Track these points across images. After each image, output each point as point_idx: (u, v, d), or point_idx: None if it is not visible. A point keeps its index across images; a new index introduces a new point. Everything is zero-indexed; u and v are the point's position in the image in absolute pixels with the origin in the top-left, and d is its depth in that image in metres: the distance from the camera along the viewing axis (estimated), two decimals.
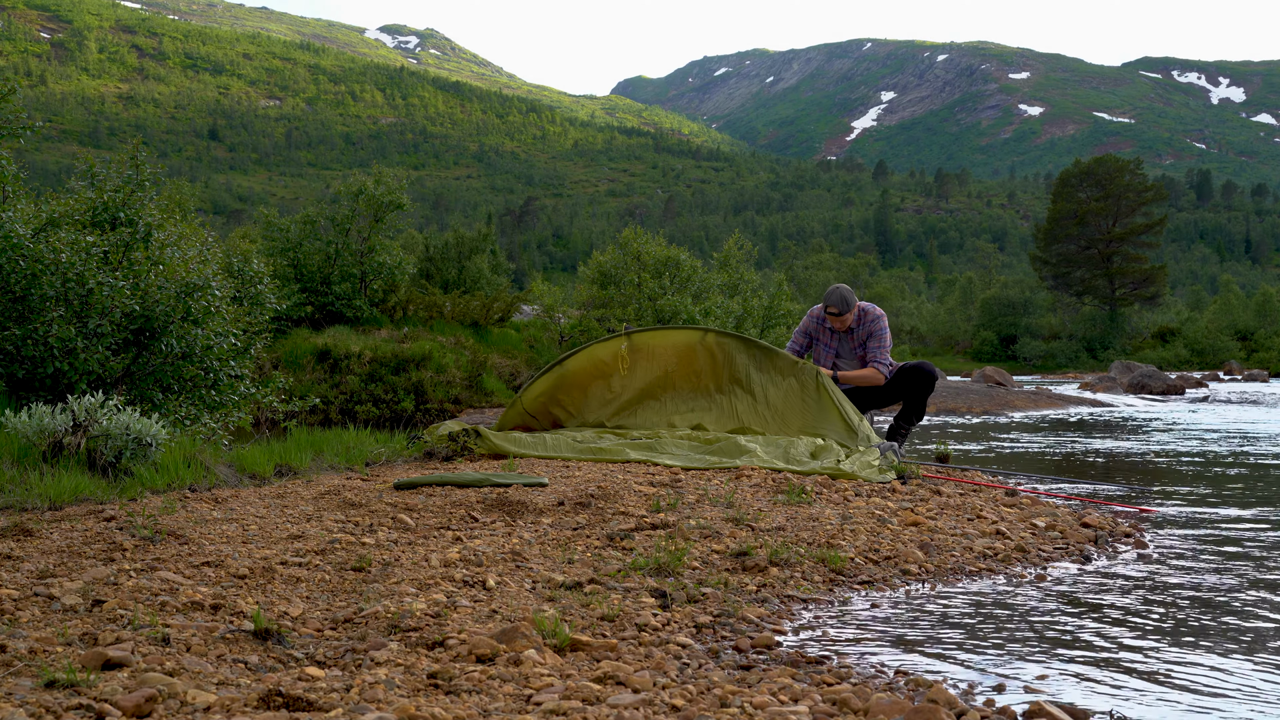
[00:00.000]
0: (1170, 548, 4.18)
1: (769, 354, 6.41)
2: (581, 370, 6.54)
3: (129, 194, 7.12)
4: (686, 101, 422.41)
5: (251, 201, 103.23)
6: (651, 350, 6.57)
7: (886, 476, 5.15)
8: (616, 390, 6.52)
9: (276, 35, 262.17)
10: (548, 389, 6.53)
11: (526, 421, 6.50)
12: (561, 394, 6.53)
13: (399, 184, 18.73)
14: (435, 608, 2.63)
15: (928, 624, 2.94)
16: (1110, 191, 57.27)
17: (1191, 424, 12.34)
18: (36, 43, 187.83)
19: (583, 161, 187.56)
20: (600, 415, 6.48)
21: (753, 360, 6.41)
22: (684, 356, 6.52)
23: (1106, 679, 2.43)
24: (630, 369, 6.51)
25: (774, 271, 45.47)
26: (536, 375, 6.63)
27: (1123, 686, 2.38)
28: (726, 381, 6.41)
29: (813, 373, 6.23)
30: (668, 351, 6.55)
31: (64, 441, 4.36)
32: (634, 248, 18.93)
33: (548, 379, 6.54)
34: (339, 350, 14.98)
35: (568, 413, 6.51)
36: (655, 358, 6.55)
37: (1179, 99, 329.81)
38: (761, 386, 6.31)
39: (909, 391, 6.68)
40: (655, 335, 6.68)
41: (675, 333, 6.73)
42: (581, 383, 6.54)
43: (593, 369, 6.55)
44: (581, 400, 6.53)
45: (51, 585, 2.62)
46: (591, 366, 6.55)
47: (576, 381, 6.53)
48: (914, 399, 6.67)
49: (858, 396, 6.74)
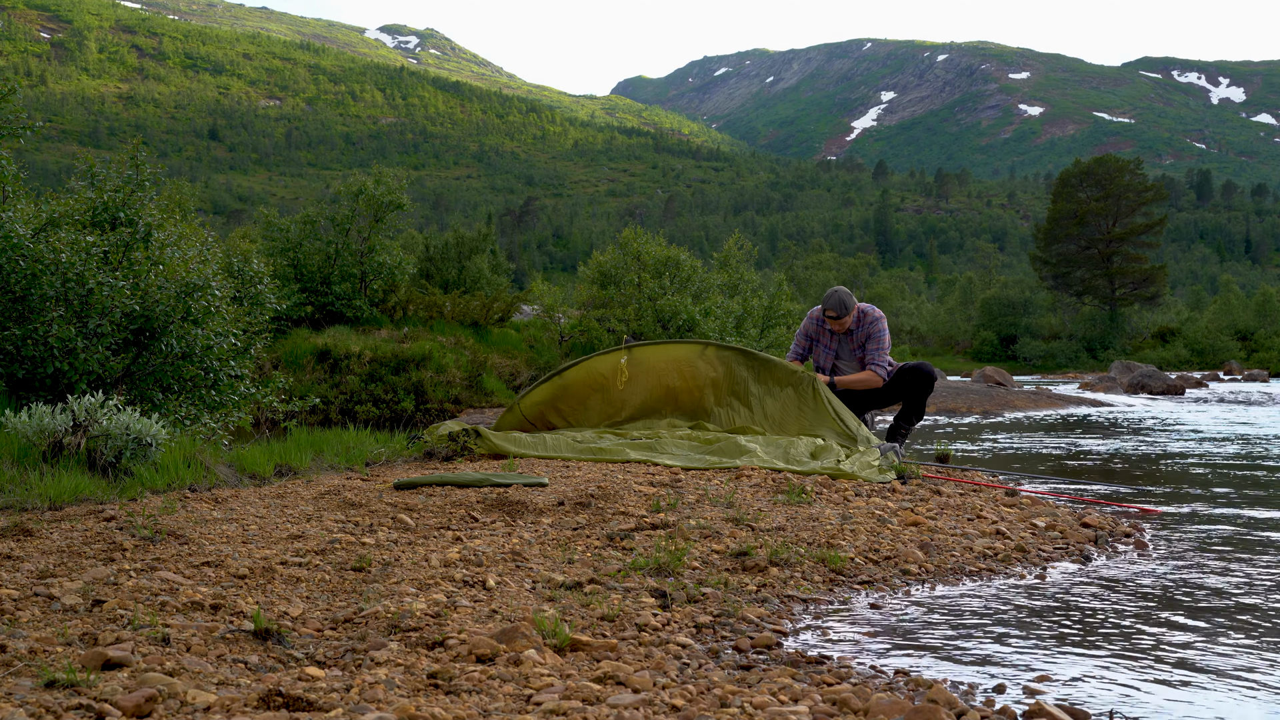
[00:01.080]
0: (1171, 547, 4.17)
1: (767, 365, 6.45)
2: (580, 382, 6.56)
3: (129, 194, 7.12)
4: (686, 101, 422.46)
5: (251, 201, 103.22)
6: (651, 364, 6.57)
7: (886, 476, 5.15)
8: (616, 404, 6.52)
9: (276, 35, 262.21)
10: (547, 398, 6.54)
11: (524, 427, 6.51)
12: (561, 404, 6.54)
13: (399, 184, 18.72)
14: (435, 608, 2.63)
15: (928, 624, 2.94)
16: (1110, 191, 57.27)
17: (1191, 424, 12.33)
18: (36, 43, 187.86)
19: (583, 161, 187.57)
20: (599, 428, 6.48)
21: (752, 373, 6.43)
22: (684, 371, 6.53)
23: (1107, 679, 2.43)
24: (629, 383, 6.51)
25: (774, 271, 45.49)
26: (535, 383, 6.64)
27: (1123, 686, 2.38)
28: (726, 395, 6.43)
29: (809, 381, 6.26)
30: (667, 366, 6.56)
31: (64, 441, 4.36)
32: (634, 248, 18.92)
33: (547, 388, 6.55)
34: (339, 350, 14.98)
35: (566, 422, 6.52)
36: (654, 372, 6.55)
37: (1179, 99, 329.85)
38: (759, 399, 6.34)
39: (908, 392, 6.69)
40: (655, 350, 6.69)
41: (675, 347, 6.75)
42: (580, 394, 6.56)
43: (591, 381, 6.56)
44: (580, 411, 6.54)
45: (51, 585, 2.62)
46: (590, 379, 6.56)
47: (575, 393, 6.55)
48: (913, 399, 6.69)
49: (858, 397, 6.75)
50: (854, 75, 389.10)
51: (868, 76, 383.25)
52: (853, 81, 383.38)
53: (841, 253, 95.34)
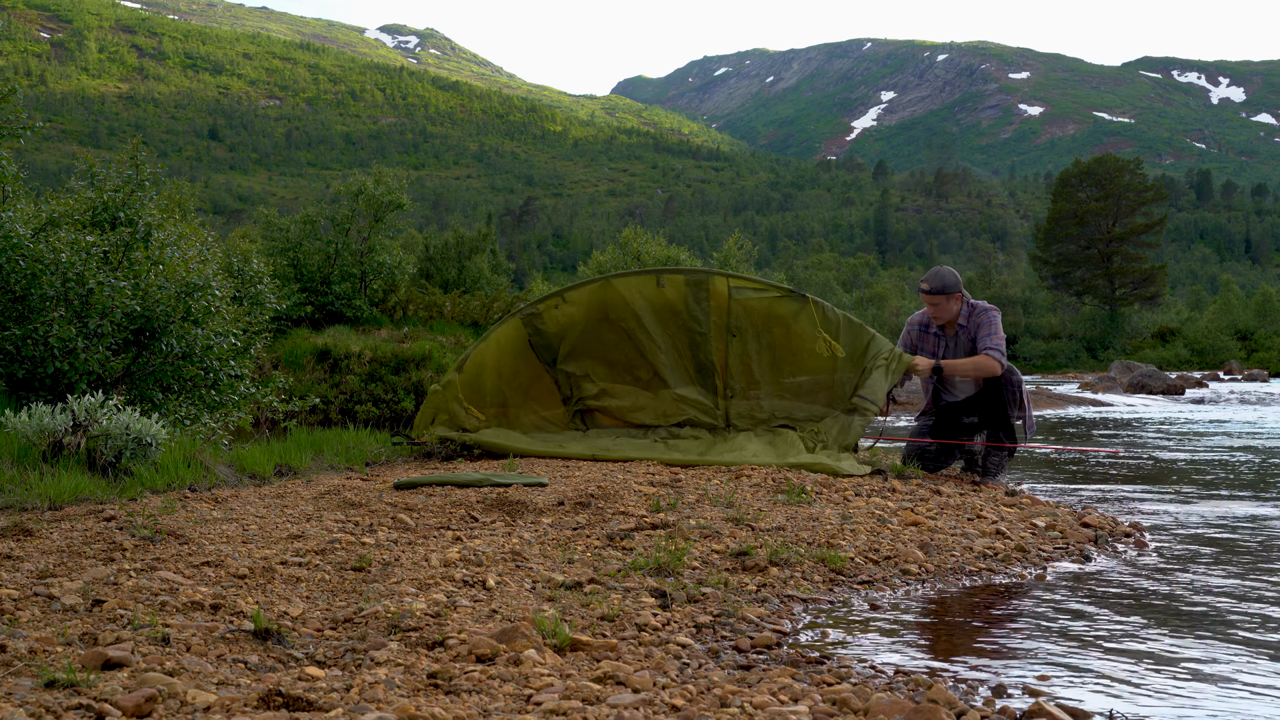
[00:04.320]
0: (1170, 547, 4.18)
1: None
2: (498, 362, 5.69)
3: (129, 194, 7.12)
4: (686, 101, 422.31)
5: (251, 201, 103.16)
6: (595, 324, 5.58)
7: (861, 470, 5.06)
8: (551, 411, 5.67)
9: (276, 35, 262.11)
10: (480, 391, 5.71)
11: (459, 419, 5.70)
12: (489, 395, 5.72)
13: (399, 184, 18.72)
14: (435, 608, 2.63)
15: (928, 624, 2.94)
16: (1110, 191, 57.30)
17: (1192, 424, 12.33)
18: (36, 42, 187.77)
19: (583, 161, 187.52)
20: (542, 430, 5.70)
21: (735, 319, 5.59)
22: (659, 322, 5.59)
23: (1107, 679, 2.43)
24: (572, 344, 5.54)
25: (774, 271, 45.48)
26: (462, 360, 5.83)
27: (1123, 686, 2.38)
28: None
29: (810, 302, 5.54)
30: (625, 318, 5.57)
31: (64, 441, 4.36)
32: (634, 247, 18.93)
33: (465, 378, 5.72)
34: (339, 350, 14.97)
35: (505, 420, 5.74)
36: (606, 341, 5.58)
37: (1179, 99, 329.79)
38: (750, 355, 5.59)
39: (983, 399, 5.49)
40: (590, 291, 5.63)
41: (628, 281, 5.66)
42: (521, 384, 5.71)
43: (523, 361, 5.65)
44: (522, 403, 5.75)
45: (51, 585, 2.62)
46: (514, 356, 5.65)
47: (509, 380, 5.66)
48: (989, 408, 5.44)
49: (961, 410, 5.56)
50: (854, 75, 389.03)
51: (868, 76, 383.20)
52: (853, 81, 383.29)
53: (841, 253, 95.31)
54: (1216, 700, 2.30)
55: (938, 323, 5.58)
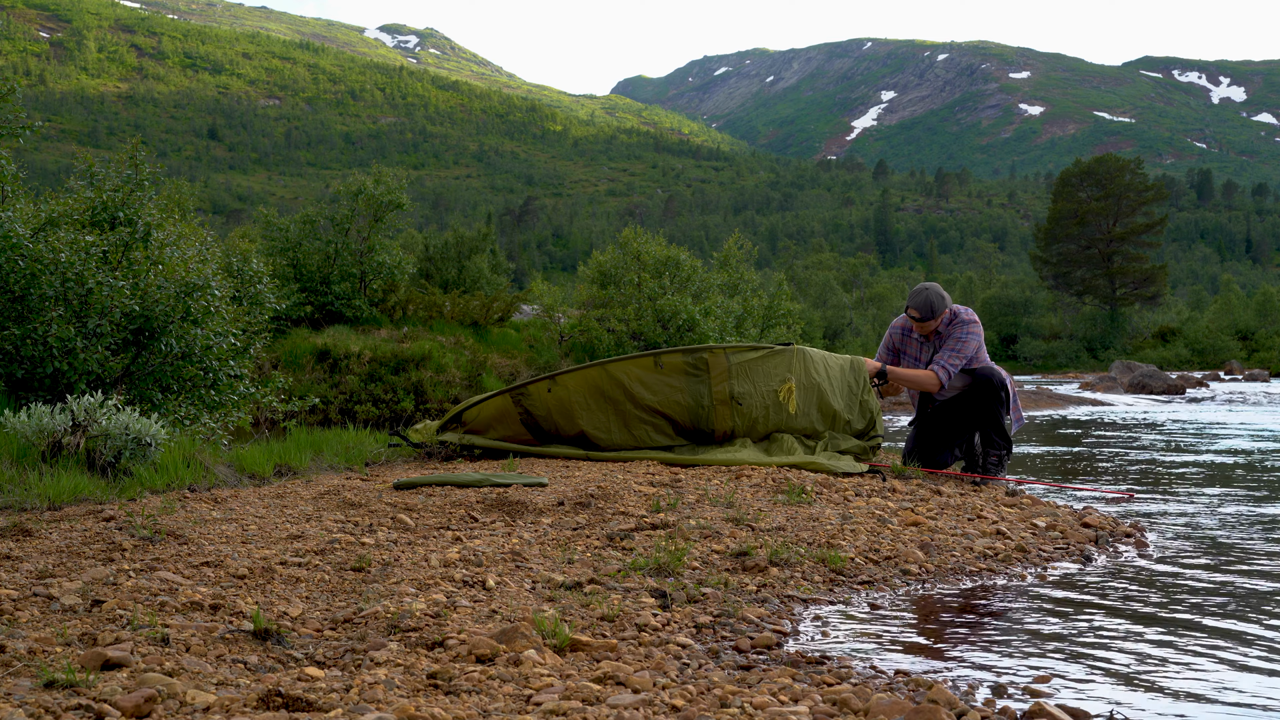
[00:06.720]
0: (1170, 547, 4.17)
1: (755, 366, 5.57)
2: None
3: (128, 193, 7.11)
4: (686, 101, 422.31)
5: (251, 201, 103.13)
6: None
7: (858, 467, 5.12)
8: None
9: (276, 35, 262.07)
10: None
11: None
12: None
13: (399, 184, 18.71)
14: (435, 608, 2.63)
15: (928, 624, 2.93)
16: (1111, 191, 57.32)
17: (1192, 424, 12.33)
18: (36, 42, 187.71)
19: (583, 161, 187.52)
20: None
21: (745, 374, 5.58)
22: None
23: (1107, 679, 2.43)
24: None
25: (774, 271, 45.47)
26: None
27: (1123, 686, 2.38)
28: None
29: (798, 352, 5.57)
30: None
31: (63, 441, 4.36)
32: (634, 247, 18.91)
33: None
34: (338, 350, 14.97)
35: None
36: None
37: (1180, 98, 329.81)
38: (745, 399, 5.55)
39: (970, 406, 5.51)
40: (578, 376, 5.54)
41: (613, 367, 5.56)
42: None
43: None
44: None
45: (51, 585, 2.61)
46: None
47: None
48: (978, 415, 5.49)
49: (946, 422, 5.62)
50: (854, 75, 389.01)
51: (868, 76, 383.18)
52: (853, 81, 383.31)
53: (841, 252, 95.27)
54: (1218, 700, 2.29)
55: (920, 332, 5.70)
